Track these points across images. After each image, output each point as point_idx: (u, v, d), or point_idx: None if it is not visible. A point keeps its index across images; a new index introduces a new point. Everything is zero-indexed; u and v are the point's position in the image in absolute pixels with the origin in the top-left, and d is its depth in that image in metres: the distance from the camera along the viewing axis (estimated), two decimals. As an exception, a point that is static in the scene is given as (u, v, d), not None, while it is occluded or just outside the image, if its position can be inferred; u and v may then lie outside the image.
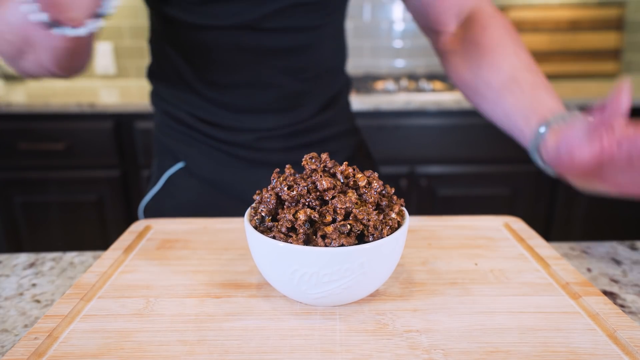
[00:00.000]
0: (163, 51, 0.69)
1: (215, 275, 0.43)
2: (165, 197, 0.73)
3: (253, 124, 0.69)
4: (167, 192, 0.73)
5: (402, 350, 0.32)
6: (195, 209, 0.67)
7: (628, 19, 1.98)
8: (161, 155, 0.76)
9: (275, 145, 0.70)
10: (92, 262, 0.51)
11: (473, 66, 0.64)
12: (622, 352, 0.32)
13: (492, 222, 0.54)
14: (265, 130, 0.69)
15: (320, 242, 0.33)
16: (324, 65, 0.72)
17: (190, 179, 0.72)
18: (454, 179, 1.66)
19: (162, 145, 0.75)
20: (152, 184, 0.76)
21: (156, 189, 0.74)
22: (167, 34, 0.67)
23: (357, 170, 0.37)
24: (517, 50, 0.62)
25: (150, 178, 0.79)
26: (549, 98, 0.56)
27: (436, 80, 1.84)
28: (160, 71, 0.71)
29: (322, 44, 0.70)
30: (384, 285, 0.41)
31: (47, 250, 1.64)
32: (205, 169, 0.71)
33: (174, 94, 0.70)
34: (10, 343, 0.37)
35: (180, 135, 0.72)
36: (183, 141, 0.72)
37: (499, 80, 0.61)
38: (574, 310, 0.37)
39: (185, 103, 0.69)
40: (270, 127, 0.69)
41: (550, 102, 0.56)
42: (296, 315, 0.37)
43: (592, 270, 0.49)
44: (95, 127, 1.59)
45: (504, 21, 0.65)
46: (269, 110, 0.69)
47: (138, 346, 0.33)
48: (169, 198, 0.72)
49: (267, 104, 0.68)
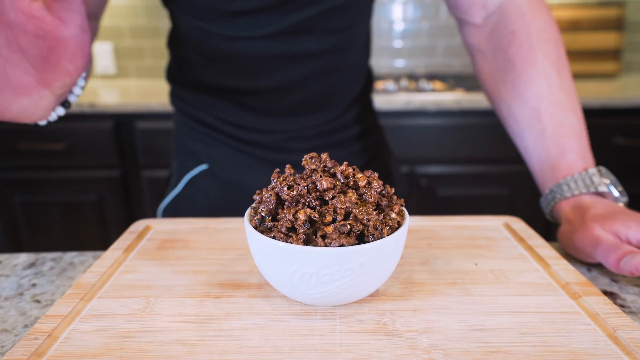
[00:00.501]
0: (187, 56, 0.68)
1: (215, 275, 0.43)
2: (186, 199, 0.72)
3: (279, 126, 0.68)
4: (187, 195, 0.72)
5: (402, 350, 0.32)
6: (216, 210, 0.66)
7: (628, 19, 1.98)
8: (182, 156, 0.74)
9: (300, 145, 0.69)
10: (92, 262, 0.51)
11: (498, 81, 0.61)
12: (622, 352, 0.32)
13: (492, 222, 0.54)
14: (292, 131, 0.68)
15: (320, 242, 0.33)
16: (351, 65, 0.70)
17: (213, 181, 0.71)
18: (454, 179, 1.66)
19: (183, 146, 0.74)
20: (172, 186, 0.74)
21: (176, 191, 0.73)
22: (193, 42, 0.65)
23: (357, 170, 0.37)
24: (546, 68, 0.56)
25: (169, 179, 0.77)
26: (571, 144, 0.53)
27: (436, 80, 1.84)
28: (182, 74, 0.70)
29: (351, 45, 0.68)
30: (384, 285, 0.41)
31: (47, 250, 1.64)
32: (228, 171, 0.70)
33: (197, 97, 0.69)
34: (10, 343, 0.37)
35: (203, 137, 0.70)
36: (206, 142, 0.70)
37: (520, 112, 0.57)
38: (574, 310, 0.37)
39: (209, 106, 0.68)
40: (296, 128, 0.68)
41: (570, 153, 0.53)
42: (296, 315, 0.37)
43: (592, 270, 0.49)
44: (95, 127, 1.59)
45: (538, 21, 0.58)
46: (296, 113, 0.68)
47: (138, 346, 0.33)
48: (190, 200, 0.71)
49: (294, 106, 0.67)
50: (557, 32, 0.59)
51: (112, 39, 2.01)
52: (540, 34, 0.57)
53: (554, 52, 0.57)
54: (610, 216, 0.47)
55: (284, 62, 0.64)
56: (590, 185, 0.51)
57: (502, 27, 0.60)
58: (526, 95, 0.56)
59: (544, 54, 0.56)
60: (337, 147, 0.71)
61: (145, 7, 1.97)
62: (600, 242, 0.45)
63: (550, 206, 0.54)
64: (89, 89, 1.87)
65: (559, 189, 0.53)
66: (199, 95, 0.69)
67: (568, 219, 0.51)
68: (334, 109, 0.70)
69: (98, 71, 2.03)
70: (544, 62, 0.56)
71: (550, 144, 0.54)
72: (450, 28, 2.02)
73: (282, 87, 0.66)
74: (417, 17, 2.02)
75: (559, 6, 1.95)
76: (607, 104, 1.56)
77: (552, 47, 0.57)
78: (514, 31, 0.58)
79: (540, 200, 0.56)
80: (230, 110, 0.68)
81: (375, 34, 2.01)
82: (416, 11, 2.01)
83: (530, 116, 0.56)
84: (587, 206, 0.50)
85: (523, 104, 0.57)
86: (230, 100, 0.67)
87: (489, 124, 1.59)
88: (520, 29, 0.58)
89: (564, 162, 0.53)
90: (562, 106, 0.55)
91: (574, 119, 0.55)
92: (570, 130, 0.54)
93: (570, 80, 0.57)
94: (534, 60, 0.56)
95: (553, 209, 0.54)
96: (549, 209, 0.55)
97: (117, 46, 2.02)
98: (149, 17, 1.99)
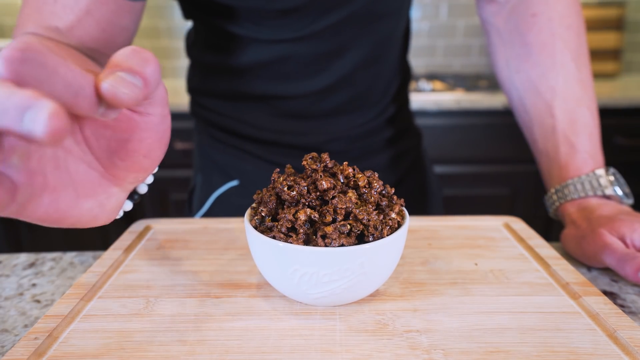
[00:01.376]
0: (219, 67, 0.63)
1: (215, 275, 0.43)
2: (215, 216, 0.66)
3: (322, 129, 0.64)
4: (215, 214, 0.67)
5: (402, 350, 0.32)
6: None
7: (628, 19, 1.98)
8: (207, 170, 0.69)
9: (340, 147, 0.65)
10: (92, 262, 0.51)
11: (512, 68, 0.58)
12: (622, 352, 0.32)
13: (492, 222, 0.54)
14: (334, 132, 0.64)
15: (320, 242, 0.33)
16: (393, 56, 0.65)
17: (244, 198, 0.65)
18: (453, 179, 1.66)
19: (209, 160, 0.68)
20: (198, 205, 0.69)
21: (202, 211, 0.68)
22: (230, 52, 0.60)
23: (357, 170, 0.37)
24: (564, 58, 0.54)
25: (192, 195, 0.71)
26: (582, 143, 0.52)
27: (436, 80, 1.84)
28: (210, 85, 0.65)
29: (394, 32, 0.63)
30: (384, 285, 0.41)
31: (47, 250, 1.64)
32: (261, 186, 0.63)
33: (228, 105, 0.65)
34: (10, 343, 0.37)
35: (233, 150, 0.66)
36: (236, 156, 0.66)
37: (531, 104, 0.56)
38: (574, 310, 0.37)
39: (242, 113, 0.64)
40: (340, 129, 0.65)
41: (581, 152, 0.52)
42: (296, 315, 0.37)
43: (592, 270, 0.49)
44: (95, 127, 1.59)
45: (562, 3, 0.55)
46: (341, 113, 0.64)
47: (138, 346, 0.33)
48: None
49: (340, 106, 0.63)
50: (580, 16, 0.56)
51: (112, 39, 2.01)
52: (563, 18, 0.54)
53: (575, 40, 0.55)
54: (615, 218, 0.47)
55: (330, 60, 0.59)
56: (597, 188, 0.50)
57: (523, 8, 0.56)
58: (540, 87, 0.55)
59: (564, 41, 0.54)
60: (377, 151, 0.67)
61: (145, 7, 1.97)
62: (613, 250, 0.44)
63: (555, 206, 0.54)
64: (89, 89, 1.87)
65: (565, 189, 0.52)
66: (230, 104, 0.64)
67: (574, 222, 0.51)
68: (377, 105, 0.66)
69: (98, 71, 2.03)
70: (562, 51, 0.54)
71: (560, 142, 0.53)
72: (450, 28, 2.02)
73: (326, 88, 0.61)
74: (417, 17, 2.02)
75: (559, 6, 1.94)
76: (607, 104, 1.56)
77: (574, 33, 0.55)
78: (535, 13, 0.55)
79: (545, 198, 0.56)
80: (266, 117, 0.63)
81: (375, 34, 2.00)
82: (416, 11, 2.01)
83: (543, 110, 0.55)
84: (593, 208, 0.50)
85: (536, 96, 0.55)
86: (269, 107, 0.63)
87: (489, 124, 1.59)
88: (542, 11, 0.55)
89: (573, 162, 0.52)
90: (577, 101, 0.53)
91: (587, 115, 0.53)
92: (583, 127, 0.53)
93: (589, 70, 0.55)
94: (552, 49, 0.54)
95: (558, 209, 0.54)
96: (553, 208, 0.55)
97: (117, 46, 2.02)
98: (149, 17, 1.99)
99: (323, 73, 0.61)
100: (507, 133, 1.59)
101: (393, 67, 0.67)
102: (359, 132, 0.66)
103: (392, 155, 0.70)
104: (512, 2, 0.59)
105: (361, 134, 0.66)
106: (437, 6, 1.99)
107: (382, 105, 0.67)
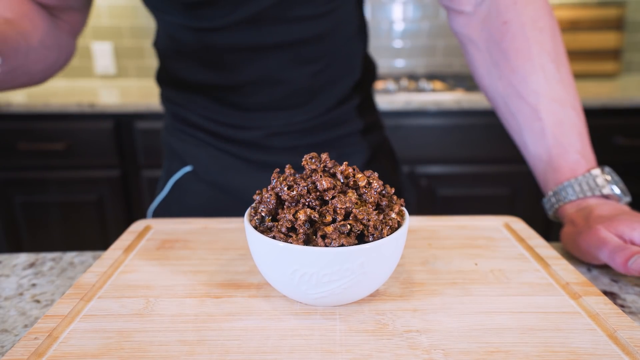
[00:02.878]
0: (165, 54, 0.68)
1: (215, 275, 0.43)
2: (173, 202, 0.71)
3: (261, 122, 0.66)
4: (174, 197, 0.71)
5: (402, 350, 0.32)
6: (203, 213, 0.64)
7: (628, 19, 1.98)
8: (169, 158, 0.73)
9: (286, 143, 0.66)
10: (92, 262, 0.51)
11: (493, 76, 0.58)
12: (622, 352, 0.32)
13: (492, 222, 0.54)
14: (275, 127, 0.66)
15: (320, 242, 0.33)
16: (340, 55, 0.65)
17: (199, 184, 0.69)
18: (454, 179, 1.66)
19: (170, 147, 0.73)
20: (160, 189, 0.74)
21: (163, 195, 0.72)
22: (171, 38, 0.65)
23: (357, 170, 0.37)
24: (542, 60, 0.54)
25: (158, 181, 0.77)
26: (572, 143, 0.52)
27: (436, 80, 1.84)
28: (166, 74, 0.70)
29: (335, 33, 0.63)
30: (384, 285, 0.41)
31: (47, 250, 1.64)
32: (212, 173, 0.68)
33: (180, 95, 0.68)
34: (10, 343, 0.37)
35: (188, 137, 0.69)
36: (190, 143, 0.69)
37: (517, 109, 0.56)
38: (574, 310, 0.37)
39: (192, 103, 0.67)
40: (280, 124, 0.66)
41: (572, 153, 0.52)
42: (296, 315, 0.37)
43: (592, 270, 0.49)
44: (95, 127, 1.59)
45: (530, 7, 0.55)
46: (279, 108, 0.65)
47: (138, 346, 0.33)
48: (177, 203, 0.70)
49: (277, 100, 0.65)
50: (551, 17, 0.56)
51: (112, 39, 2.01)
52: (534, 22, 0.55)
53: (550, 41, 0.55)
54: (614, 217, 0.47)
55: (257, 53, 0.61)
56: (595, 188, 0.50)
57: (494, 17, 0.57)
58: (523, 91, 0.55)
59: (540, 44, 0.54)
60: (328, 146, 0.68)
61: (145, 7, 1.97)
62: (606, 244, 0.45)
63: (554, 208, 0.54)
64: (89, 88, 1.87)
65: (563, 191, 0.52)
66: (181, 94, 0.68)
67: (572, 221, 0.51)
68: (322, 103, 0.66)
69: (98, 71, 2.03)
70: (539, 53, 0.54)
71: (551, 144, 0.53)
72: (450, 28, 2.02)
73: (259, 80, 0.63)
74: (417, 17, 2.02)
75: (559, 6, 1.95)
76: (607, 104, 1.56)
77: (548, 35, 0.55)
78: (506, 21, 0.56)
79: (543, 201, 0.56)
80: (211, 106, 0.66)
81: (375, 34, 2.01)
82: (416, 11, 2.01)
83: (529, 114, 0.55)
84: (591, 208, 0.50)
85: (520, 101, 0.55)
86: (210, 96, 0.66)
87: (489, 124, 1.59)
88: (512, 18, 0.55)
89: (566, 163, 0.52)
90: (561, 102, 0.54)
91: (573, 114, 0.54)
92: (570, 127, 0.53)
93: (568, 70, 0.55)
94: (529, 53, 0.54)
95: (557, 211, 0.54)
96: (553, 211, 0.55)
97: (117, 46, 2.02)
98: (149, 17, 1.99)
99: (250, 67, 0.62)
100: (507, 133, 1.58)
101: (342, 65, 0.66)
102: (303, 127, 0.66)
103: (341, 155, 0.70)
104: (483, 11, 0.58)
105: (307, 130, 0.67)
106: (437, 6, 1.99)
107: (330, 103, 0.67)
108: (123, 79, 2.06)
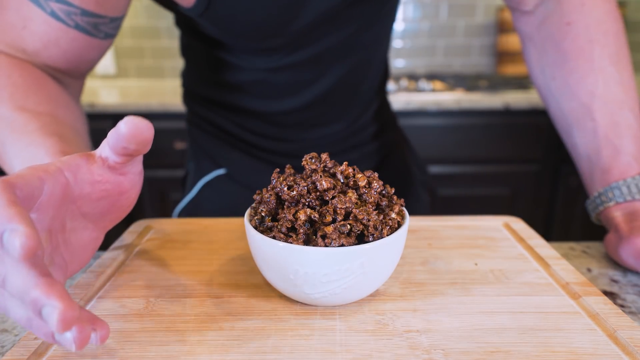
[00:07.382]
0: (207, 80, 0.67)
1: (215, 275, 0.43)
2: (204, 200, 0.71)
3: (299, 136, 0.68)
4: (205, 196, 0.71)
5: (402, 350, 0.32)
6: (235, 212, 0.63)
7: (628, 19, 1.98)
8: (198, 158, 0.73)
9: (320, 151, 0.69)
10: (92, 262, 0.51)
11: (547, 75, 0.57)
12: (622, 352, 0.32)
13: (492, 222, 0.54)
14: (310, 140, 0.69)
15: (320, 242, 0.33)
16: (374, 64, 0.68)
17: (232, 184, 0.70)
18: (454, 179, 1.66)
19: (200, 148, 0.72)
20: (188, 189, 0.73)
21: (193, 194, 0.72)
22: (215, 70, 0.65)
23: (357, 170, 0.37)
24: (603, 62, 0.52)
25: (184, 180, 0.76)
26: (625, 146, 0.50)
27: (436, 80, 1.84)
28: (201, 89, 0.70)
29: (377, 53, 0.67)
30: (384, 285, 0.41)
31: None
32: (246, 175, 0.70)
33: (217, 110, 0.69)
34: (10, 343, 0.37)
35: (221, 141, 0.70)
36: (223, 147, 0.70)
37: (569, 108, 0.54)
38: (574, 310, 0.37)
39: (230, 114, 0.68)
40: (315, 137, 0.69)
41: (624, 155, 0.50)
42: (296, 315, 0.37)
43: (592, 270, 0.49)
44: (95, 127, 1.58)
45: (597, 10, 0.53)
46: (316, 124, 0.68)
47: (138, 346, 0.33)
48: (208, 202, 0.70)
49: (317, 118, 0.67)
50: (617, 21, 0.54)
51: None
52: (599, 25, 0.53)
53: (613, 44, 0.53)
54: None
55: (306, 85, 0.64)
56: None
57: (557, 17, 0.56)
58: (578, 91, 0.53)
59: (602, 47, 0.53)
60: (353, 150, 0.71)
61: (145, 7, 1.97)
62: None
63: (598, 210, 0.51)
64: (89, 89, 1.87)
65: (610, 193, 0.49)
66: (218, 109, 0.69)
67: (616, 226, 0.49)
68: (354, 112, 0.69)
69: (98, 71, 2.03)
70: (601, 56, 0.52)
71: (602, 145, 0.51)
72: (450, 28, 2.02)
73: (307, 105, 0.65)
74: (417, 17, 2.02)
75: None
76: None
77: (612, 38, 0.53)
78: (570, 22, 0.54)
79: (587, 203, 0.53)
80: (250, 120, 0.68)
81: (375, 34, 2.01)
82: (416, 11, 2.01)
83: (581, 113, 0.53)
84: (638, 213, 0.47)
85: (574, 101, 0.53)
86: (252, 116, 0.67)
87: (489, 124, 1.59)
88: (577, 19, 0.54)
89: (617, 164, 0.50)
90: (619, 103, 0.51)
91: (630, 117, 0.51)
92: (626, 129, 0.51)
93: (630, 74, 0.53)
94: (590, 55, 0.53)
95: (601, 213, 0.51)
96: (596, 212, 0.52)
97: (117, 46, 2.02)
98: (149, 17, 1.99)
99: (298, 96, 0.65)
100: (507, 133, 1.59)
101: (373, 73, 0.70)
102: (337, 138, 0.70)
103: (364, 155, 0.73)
104: (545, 11, 0.58)
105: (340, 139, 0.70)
106: (437, 6, 1.99)
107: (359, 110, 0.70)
108: (123, 79, 2.06)
